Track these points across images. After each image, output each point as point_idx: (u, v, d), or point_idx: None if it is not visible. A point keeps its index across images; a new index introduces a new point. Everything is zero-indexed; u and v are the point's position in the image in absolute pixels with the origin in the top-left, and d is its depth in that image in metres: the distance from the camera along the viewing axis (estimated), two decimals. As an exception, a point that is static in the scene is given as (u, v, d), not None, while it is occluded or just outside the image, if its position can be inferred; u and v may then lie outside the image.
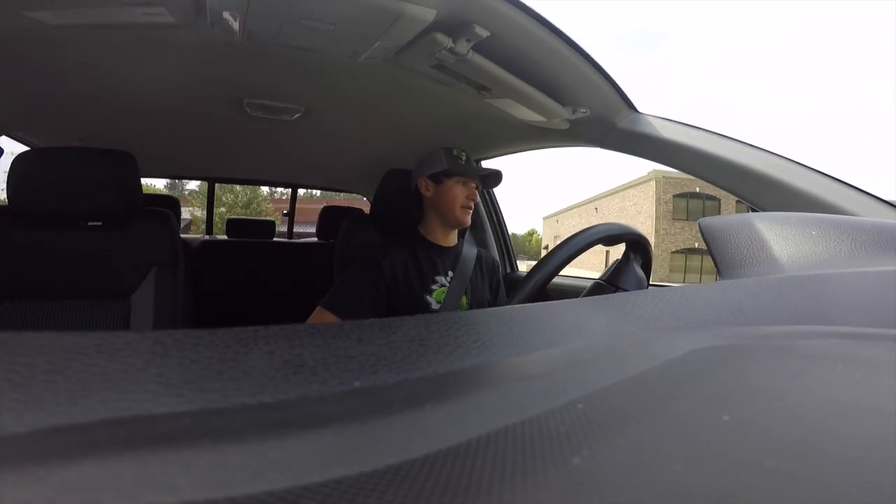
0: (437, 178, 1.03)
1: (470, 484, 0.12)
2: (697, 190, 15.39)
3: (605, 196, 19.57)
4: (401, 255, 0.98)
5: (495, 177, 1.08)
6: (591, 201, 21.03)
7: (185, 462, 0.12)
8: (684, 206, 15.84)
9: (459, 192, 1.02)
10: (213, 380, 0.16)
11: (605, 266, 0.80)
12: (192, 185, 17.58)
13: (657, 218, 15.68)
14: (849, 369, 0.20)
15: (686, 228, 15.65)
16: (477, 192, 1.05)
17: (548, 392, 0.18)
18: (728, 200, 14.26)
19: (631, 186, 17.26)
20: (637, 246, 0.77)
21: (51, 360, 0.16)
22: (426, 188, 1.04)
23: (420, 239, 1.04)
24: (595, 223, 0.71)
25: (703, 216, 0.57)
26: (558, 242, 0.68)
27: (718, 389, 0.19)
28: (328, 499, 0.11)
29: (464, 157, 1.04)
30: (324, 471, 0.12)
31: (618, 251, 0.80)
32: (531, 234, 37.28)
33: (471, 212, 1.04)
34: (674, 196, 15.80)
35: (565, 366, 0.21)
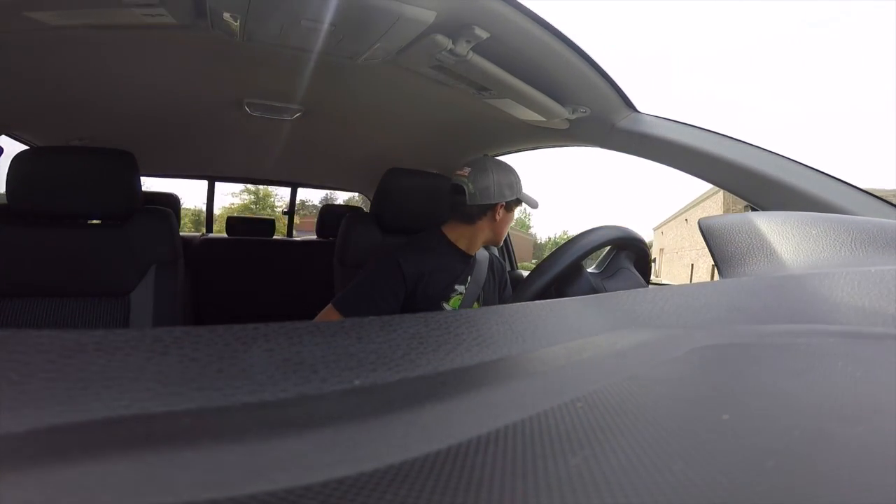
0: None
1: (470, 483, 0.12)
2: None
3: (691, 207, 18.87)
4: (425, 261, 0.95)
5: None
6: (682, 212, 20.17)
7: (184, 461, 0.12)
8: (765, 215, 15.39)
9: (512, 219, 1.06)
10: (212, 378, 0.16)
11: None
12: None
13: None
14: (848, 368, 0.20)
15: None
16: None
17: (547, 391, 0.18)
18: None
19: (707, 198, 16.67)
20: (626, 249, 0.79)
21: (49, 359, 0.16)
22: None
23: (447, 244, 1.01)
24: (689, 236, 0.76)
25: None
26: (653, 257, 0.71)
27: (718, 389, 0.19)
28: (329, 499, 0.11)
29: None
30: (325, 470, 0.12)
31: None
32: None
33: None
34: (745, 206, 15.52)
35: (565, 364, 0.21)
